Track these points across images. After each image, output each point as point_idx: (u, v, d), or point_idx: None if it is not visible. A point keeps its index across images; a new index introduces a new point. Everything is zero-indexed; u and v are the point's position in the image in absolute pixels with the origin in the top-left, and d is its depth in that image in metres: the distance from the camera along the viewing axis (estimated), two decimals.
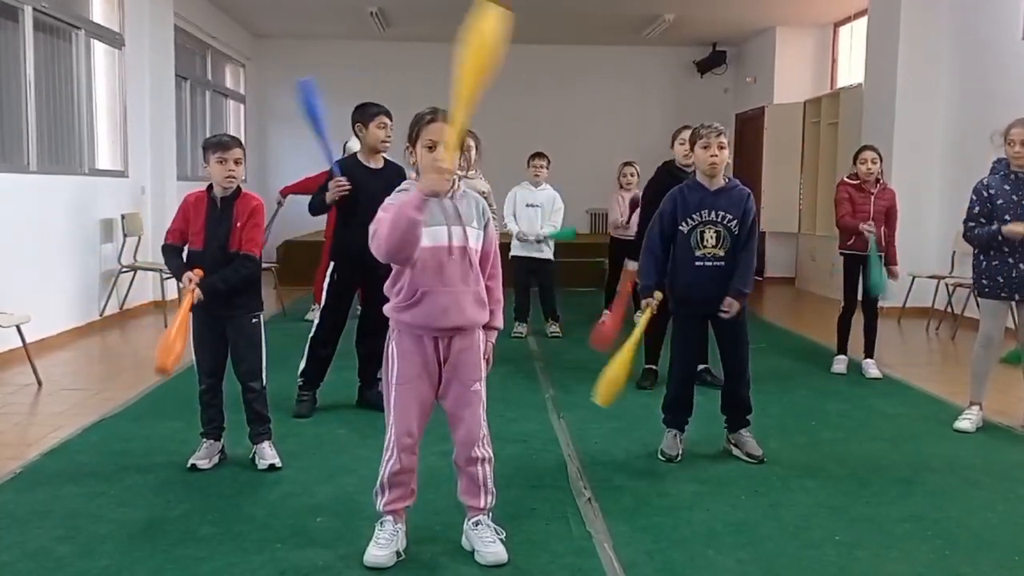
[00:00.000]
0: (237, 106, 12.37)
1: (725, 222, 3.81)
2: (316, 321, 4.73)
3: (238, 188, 3.69)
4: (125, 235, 7.75)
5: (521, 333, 7.00)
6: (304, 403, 4.62)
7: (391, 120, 4.58)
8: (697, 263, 3.82)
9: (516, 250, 7.02)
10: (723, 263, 3.82)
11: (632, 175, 7.53)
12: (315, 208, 4.67)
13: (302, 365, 4.67)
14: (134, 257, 7.89)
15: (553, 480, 3.65)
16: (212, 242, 3.63)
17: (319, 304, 4.93)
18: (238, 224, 3.64)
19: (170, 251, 3.71)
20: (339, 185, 4.45)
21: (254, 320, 3.74)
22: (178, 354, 3.27)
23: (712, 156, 3.79)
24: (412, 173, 2.87)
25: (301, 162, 12.48)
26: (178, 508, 3.27)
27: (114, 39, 8.05)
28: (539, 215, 7.00)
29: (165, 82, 8.77)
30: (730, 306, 3.80)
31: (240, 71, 12.44)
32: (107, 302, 7.51)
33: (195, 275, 3.52)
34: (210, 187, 3.70)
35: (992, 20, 7.75)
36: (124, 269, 7.71)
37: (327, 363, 4.69)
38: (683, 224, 3.83)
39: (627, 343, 3.66)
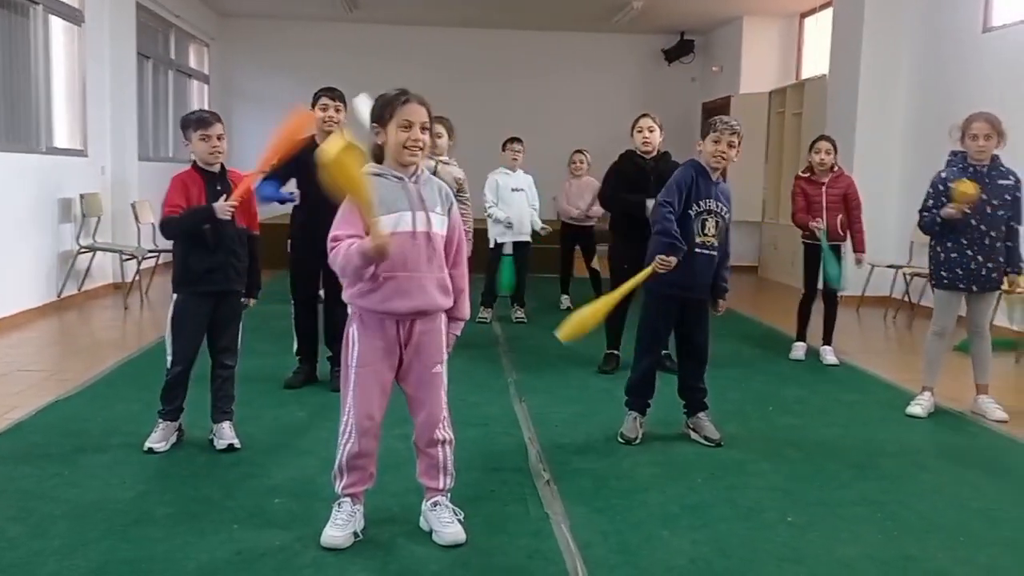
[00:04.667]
0: (201, 86, 12.20)
1: (723, 213, 3.90)
2: (292, 302, 4.90)
3: (222, 165, 3.70)
4: (84, 215, 7.63)
5: (486, 318, 7.00)
6: (296, 375, 4.82)
7: (334, 100, 4.69)
8: (696, 249, 3.85)
9: (501, 237, 7.00)
10: (715, 253, 3.90)
11: (582, 162, 7.66)
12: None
13: (295, 345, 4.91)
14: (93, 238, 7.77)
15: (513, 463, 3.67)
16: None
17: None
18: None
19: (173, 218, 3.56)
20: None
21: (242, 297, 3.78)
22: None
23: (720, 151, 3.83)
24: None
25: (265, 144, 12.41)
26: (134, 489, 3.24)
27: (73, 15, 7.89)
28: (524, 199, 7.04)
29: (126, 60, 8.63)
30: (722, 307, 4.02)
31: (204, 51, 12.27)
32: (65, 283, 7.39)
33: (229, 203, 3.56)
34: (195, 165, 3.66)
35: (954, 13, 7.86)
36: (83, 250, 7.59)
37: (314, 337, 4.86)
38: (692, 208, 3.85)
39: (613, 293, 3.71)
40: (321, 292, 4.81)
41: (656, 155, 5.21)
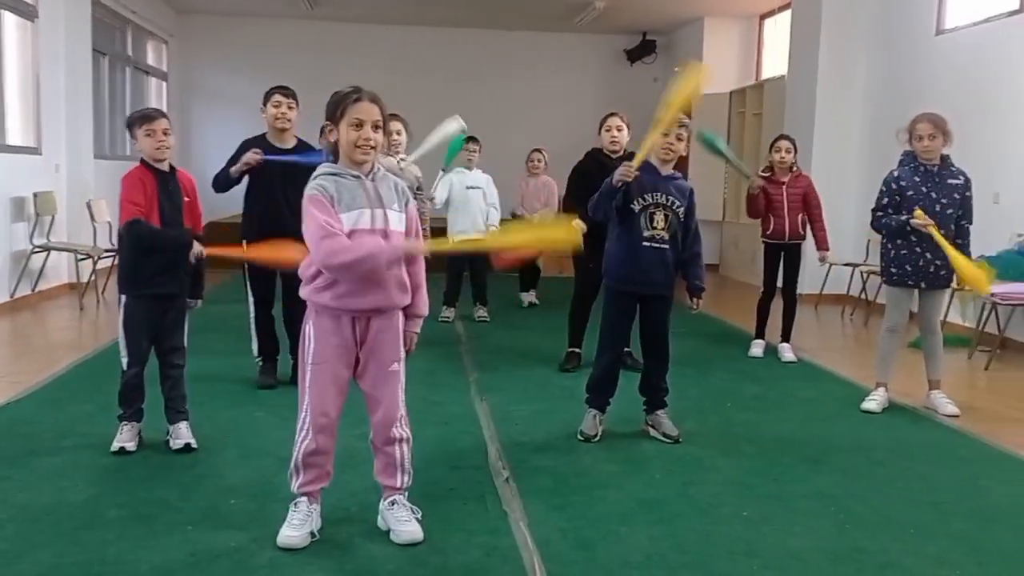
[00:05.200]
0: (159, 84, 12.03)
1: (674, 207, 3.90)
2: (251, 303, 4.82)
3: (172, 166, 3.65)
4: (38, 214, 7.49)
5: (448, 317, 7.00)
6: (268, 374, 4.78)
7: (287, 98, 4.67)
8: (644, 243, 3.87)
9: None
10: (668, 247, 3.91)
11: (540, 161, 7.74)
12: (219, 183, 4.70)
13: (255, 346, 4.83)
14: (47, 237, 7.63)
15: (472, 461, 3.67)
16: (171, 216, 3.56)
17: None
18: (186, 199, 3.67)
19: (147, 226, 3.50)
20: (252, 159, 4.49)
21: (189, 300, 3.74)
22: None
23: (668, 143, 3.86)
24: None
25: (226, 142, 12.20)
26: (86, 492, 3.19)
27: (27, 10, 7.73)
28: (481, 196, 7.04)
29: (81, 57, 8.48)
30: (698, 304, 4.01)
31: (163, 48, 12.09)
32: (18, 283, 7.25)
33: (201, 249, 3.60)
34: (143, 163, 3.60)
35: (908, 16, 8.01)
36: (36, 249, 7.45)
37: (274, 334, 4.82)
38: (635, 203, 3.86)
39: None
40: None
41: (622, 154, 5.23)
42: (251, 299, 4.82)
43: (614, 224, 3.95)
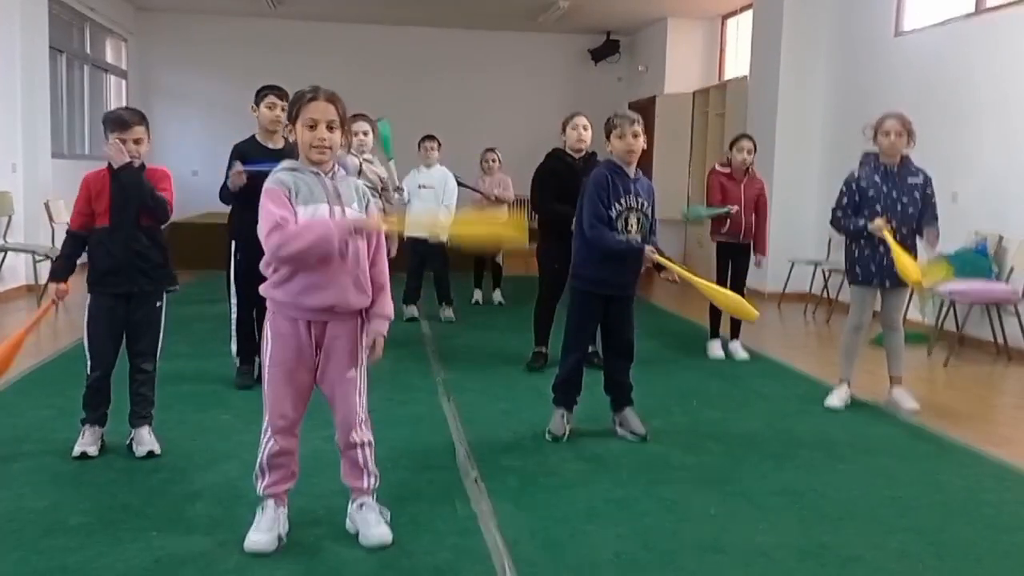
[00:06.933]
0: (119, 82, 11.85)
1: (643, 209, 3.93)
2: (235, 303, 4.76)
3: (142, 163, 3.56)
4: None
5: (414, 315, 6.98)
6: (246, 375, 4.71)
7: (281, 99, 4.62)
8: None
9: (412, 233, 6.99)
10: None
11: (493, 160, 7.77)
12: (223, 198, 4.70)
13: (234, 347, 4.80)
14: (4, 238, 7.48)
15: (440, 462, 3.66)
16: (121, 216, 3.50)
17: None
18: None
19: (70, 240, 3.58)
20: (237, 173, 4.48)
21: (158, 301, 3.66)
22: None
23: (629, 144, 3.87)
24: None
25: (187, 141, 12.10)
26: (47, 498, 3.14)
27: None
28: (433, 196, 7.01)
29: (38, 55, 8.31)
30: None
31: (122, 45, 11.91)
32: None
33: (64, 289, 3.52)
34: (110, 165, 3.54)
35: (868, 17, 8.13)
36: None
37: (255, 336, 4.70)
38: (611, 209, 3.87)
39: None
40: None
41: (584, 154, 5.25)
42: (234, 300, 4.75)
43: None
